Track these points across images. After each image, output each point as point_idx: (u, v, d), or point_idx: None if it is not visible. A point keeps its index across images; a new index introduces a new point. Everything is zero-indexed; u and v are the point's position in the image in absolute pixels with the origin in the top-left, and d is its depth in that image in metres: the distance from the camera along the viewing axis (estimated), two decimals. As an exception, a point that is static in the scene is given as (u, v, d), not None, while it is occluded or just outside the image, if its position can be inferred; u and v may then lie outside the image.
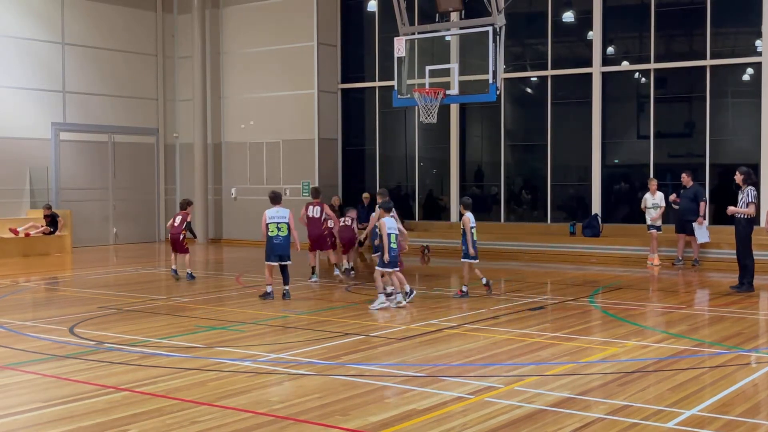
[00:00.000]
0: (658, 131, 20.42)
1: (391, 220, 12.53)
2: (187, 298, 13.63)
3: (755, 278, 14.12)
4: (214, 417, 6.65)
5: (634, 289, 14.75)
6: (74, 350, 9.32)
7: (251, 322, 11.09)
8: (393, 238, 12.29)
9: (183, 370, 8.32)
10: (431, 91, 16.09)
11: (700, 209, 17.49)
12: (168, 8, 26.70)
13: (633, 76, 21.31)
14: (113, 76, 25.12)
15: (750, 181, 13.91)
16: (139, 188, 25.95)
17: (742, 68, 20.01)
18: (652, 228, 18.14)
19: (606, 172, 21.12)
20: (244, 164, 25.19)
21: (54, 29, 23.79)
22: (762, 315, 12.11)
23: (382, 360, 8.78)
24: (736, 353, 9.08)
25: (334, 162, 24.59)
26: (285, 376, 8.07)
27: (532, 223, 21.84)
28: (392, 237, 12.29)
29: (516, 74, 22.21)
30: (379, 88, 23.83)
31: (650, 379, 7.91)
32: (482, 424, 6.43)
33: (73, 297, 13.87)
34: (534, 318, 11.57)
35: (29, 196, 23.19)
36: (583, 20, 21.38)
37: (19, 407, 7.06)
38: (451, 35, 18.37)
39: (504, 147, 22.33)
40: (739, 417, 6.58)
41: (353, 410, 6.81)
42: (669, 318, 11.76)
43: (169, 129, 26.68)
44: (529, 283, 15.67)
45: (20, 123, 22.85)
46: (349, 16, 24.79)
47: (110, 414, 6.76)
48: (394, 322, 11.16)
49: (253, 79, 25.02)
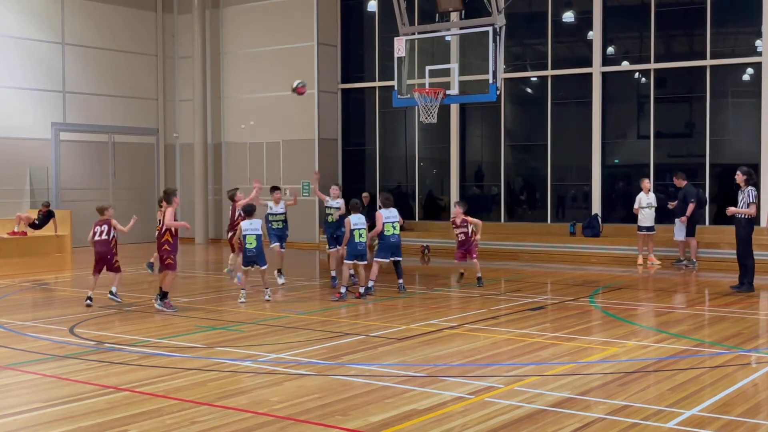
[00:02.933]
0: (658, 131, 20.42)
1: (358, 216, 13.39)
2: (187, 298, 13.63)
3: (755, 278, 14.12)
4: (214, 417, 6.65)
5: (634, 289, 14.75)
6: (74, 350, 9.31)
7: (251, 322, 11.09)
8: (359, 233, 13.20)
9: (183, 370, 8.32)
10: (431, 91, 16.09)
11: (688, 209, 17.54)
12: (168, 8, 26.71)
13: (633, 76, 21.31)
14: (113, 76, 25.12)
15: (751, 181, 13.93)
16: (139, 188, 25.95)
17: (742, 68, 20.01)
18: (643, 229, 18.20)
19: (606, 172, 21.12)
20: (244, 164, 25.19)
21: (54, 29, 23.79)
22: (762, 315, 12.11)
23: (382, 360, 8.78)
24: (736, 353, 9.07)
25: (334, 162, 24.59)
26: (285, 376, 8.07)
27: (532, 223, 21.84)
28: (357, 232, 13.20)
29: (516, 74, 22.21)
30: (379, 88, 23.82)
31: (650, 379, 7.91)
32: (482, 424, 6.43)
33: (73, 297, 13.86)
34: (534, 318, 11.57)
35: (29, 196, 23.19)
36: (583, 20, 21.37)
37: (19, 407, 7.06)
38: (451, 35, 18.36)
39: (504, 147, 22.32)
40: (739, 417, 6.58)
41: (353, 410, 6.81)
42: (669, 318, 11.75)
43: (169, 129, 26.68)
44: (529, 283, 15.67)
45: (20, 123, 22.85)
46: (349, 16, 24.79)
47: (110, 414, 6.76)
48: (394, 322, 11.16)
49: (253, 79, 25.02)
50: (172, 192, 12.70)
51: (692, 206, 17.52)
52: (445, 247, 20.49)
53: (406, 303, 12.89)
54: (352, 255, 13.21)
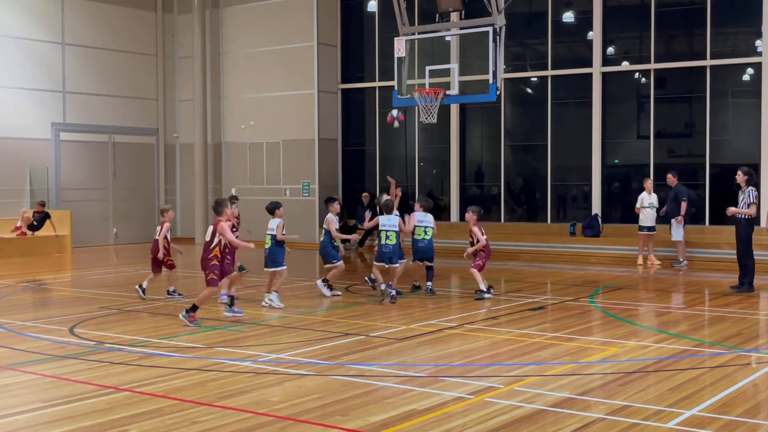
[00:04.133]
0: (658, 131, 20.42)
1: (388, 218, 13.22)
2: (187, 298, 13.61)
3: (755, 278, 14.12)
4: (214, 417, 6.64)
5: (634, 289, 14.75)
6: (74, 350, 9.31)
7: (251, 322, 11.09)
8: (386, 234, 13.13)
9: (183, 370, 8.32)
10: (431, 91, 16.09)
11: (681, 208, 17.54)
12: (168, 8, 26.70)
13: (633, 76, 21.31)
14: (113, 76, 25.12)
15: (752, 181, 13.94)
16: (139, 188, 25.96)
17: (742, 68, 20.01)
18: (644, 229, 18.19)
19: (606, 172, 21.12)
20: (244, 164, 25.19)
21: (54, 29, 23.79)
22: (762, 315, 12.11)
23: (382, 360, 8.78)
24: (736, 353, 9.07)
25: (334, 162, 24.59)
26: (285, 376, 8.07)
27: (532, 223, 21.84)
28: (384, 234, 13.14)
29: (516, 74, 22.21)
30: (379, 88, 23.83)
31: (650, 380, 7.91)
32: (482, 424, 6.43)
33: (73, 297, 13.86)
34: (534, 318, 11.57)
35: (29, 196, 23.19)
36: (583, 20, 21.38)
37: (19, 407, 7.06)
38: (451, 35, 18.37)
39: (504, 147, 22.32)
40: (739, 417, 6.58)
41: (353, 410, 6.81)
42: (669, 318, 11.75)
43: (169, 129, 26.68)
44: (529, 283, 15.67)
45: (20, 123, 22.86)
46: (349, 16, 24.79)
47: (110, 414, 6.76)
48: (394, 322, 11.16)
49: (253, 79, 25.02)
50: (224, 203, 11.19)
51: (685, 204, 17.55)
52: (445, 247, 20.47)
53: (406, 303, 12.88)
54: (380, 258, 13.18)
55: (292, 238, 13.01)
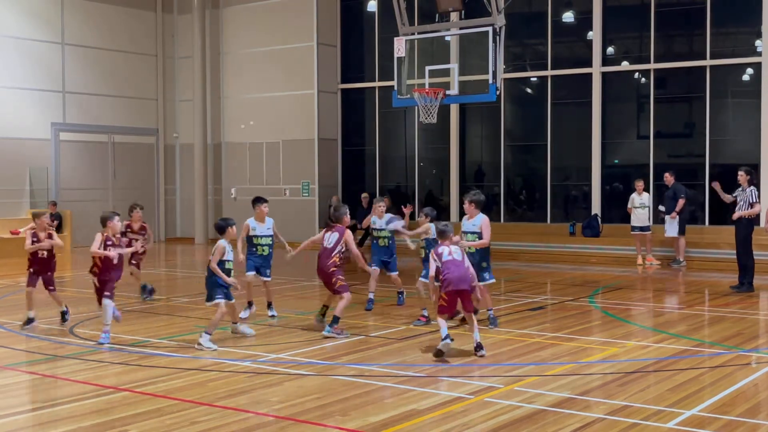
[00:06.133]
0: (658, 131, 20.42)
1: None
2: (187, 298, 13.63)
3: (755, 278, 14.13)
4: (214, 417, 6.64)
5: (633, 290, 14.75)
6: (74, 350, 9.31)
7: (251, 323, 11.07)
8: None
9: (183, 370, 8.31)
10: (431, 91, 16.09)
11: (678, 205, 17.57)
12: (168, 8, 26.70)
13: (633, 76, 21.31)
14: (113, 76, 25.12)
15: (753, 181, 13.98)
16: (139, 188, 25.93)
17: (742, 68, 20.01)
18: (636, 229, 18.26)
19: (606, 173, 21.12)
20: (244, 164, 25.19)
21: (54, 29, 23.79)
22: (762, 315, 12.11)
23: (382, 360, 8.78)
24: (736, 353, 9.07)
25: (334, 162, 24.59)
26: (285, 376, 8.07)
27: (532, 223, 21.84)
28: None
29: (516, 74, 22.21)
30: (379, 88, 23.82)
31: (650, 380, 7.91)
32: (482, 424, 6.43)
33: (73, 297, 13.85)
34: (534, 318, 11.57)
35: (29, 196, 23.18)
36: (583, 20, 21.38)
37: (19, 407, 7.06)
38: (451, 35, 18.37)
39: (504, 147, 22.32)
40: (739, 417, 6.58)
41: (353, 410, 6.81)
42: (669, 318, 11.75)
43: (169, 129, 26.67)
44: (529, 283, 15.67)
45: (20, 123, 22.85)
46: (349, 16, 24.79)
47: (110, 414, 6.76)
48: (394, 322, 11.16)
49: (253, 79, 25.02)
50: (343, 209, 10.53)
51: (682, 202, 17.58)
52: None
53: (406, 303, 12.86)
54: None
55: (231, 281, 9.66)
